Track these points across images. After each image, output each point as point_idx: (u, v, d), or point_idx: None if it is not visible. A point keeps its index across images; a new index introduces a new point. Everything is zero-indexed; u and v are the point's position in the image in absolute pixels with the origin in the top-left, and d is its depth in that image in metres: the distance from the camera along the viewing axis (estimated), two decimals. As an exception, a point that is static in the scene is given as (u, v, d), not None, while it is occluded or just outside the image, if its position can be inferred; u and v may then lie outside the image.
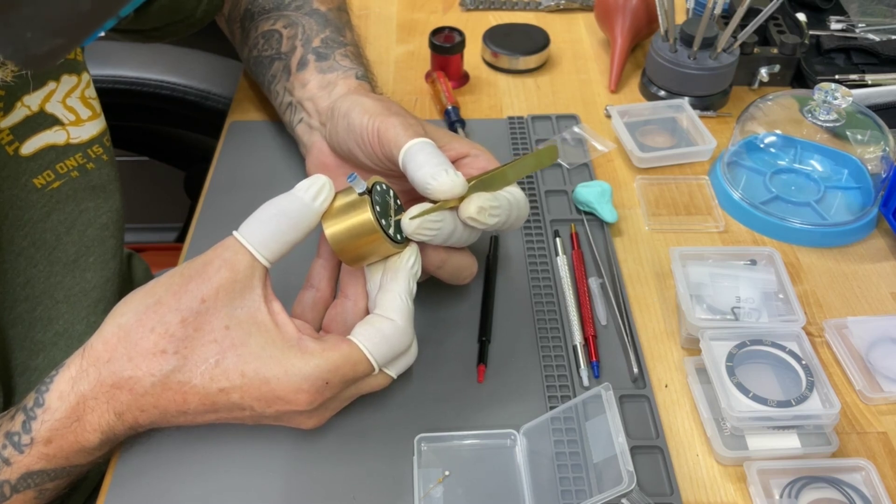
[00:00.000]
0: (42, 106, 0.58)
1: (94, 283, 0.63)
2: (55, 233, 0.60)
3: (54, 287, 0.60)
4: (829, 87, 0.70)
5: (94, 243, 0.62)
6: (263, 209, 0.48)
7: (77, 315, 0.62)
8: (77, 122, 0.60)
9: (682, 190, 0.74)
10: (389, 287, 0.49)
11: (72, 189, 0.60)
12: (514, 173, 0.54)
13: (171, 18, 0.76)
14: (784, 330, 0.58)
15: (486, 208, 0.50)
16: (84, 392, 0.46)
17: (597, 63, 0.91)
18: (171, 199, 1.45)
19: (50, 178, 0.59)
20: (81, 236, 0.62)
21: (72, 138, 0.60)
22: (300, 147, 0.67)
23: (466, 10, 1.00)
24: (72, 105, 0.60)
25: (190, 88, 1.08)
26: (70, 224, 0.61)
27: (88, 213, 0.62)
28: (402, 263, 0.50)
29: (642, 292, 0.65)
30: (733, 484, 0.53)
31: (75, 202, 0.61)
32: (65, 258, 0.61)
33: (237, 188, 0.74)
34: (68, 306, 0.61)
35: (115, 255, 0.64)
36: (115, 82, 1.07)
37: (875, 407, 0.58)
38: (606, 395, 0.51)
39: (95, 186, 0.62)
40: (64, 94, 0.59)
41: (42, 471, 0.47)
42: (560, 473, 0.51)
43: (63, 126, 0.59)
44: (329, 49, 0.69)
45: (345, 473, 0.53)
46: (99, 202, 0.62)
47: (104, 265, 0.63)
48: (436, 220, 0.49)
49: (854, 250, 0.70)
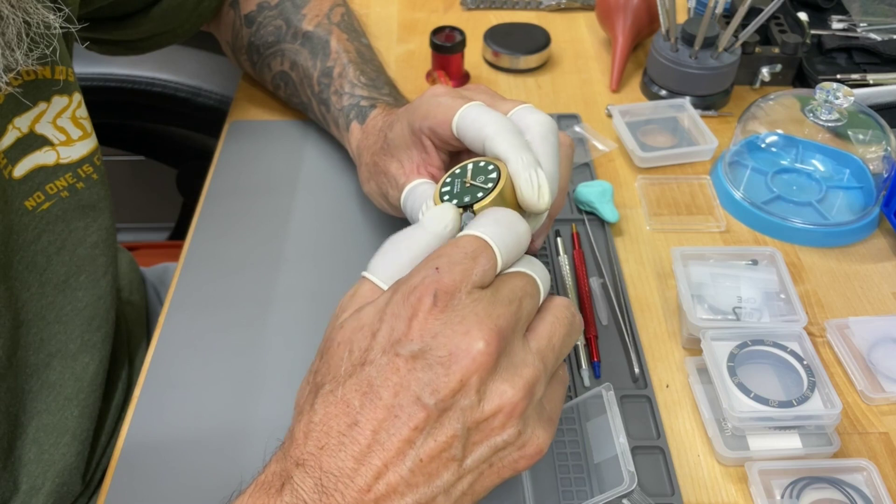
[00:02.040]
0: (32, 127, 0.57)
1: (85, 302, 0.62)
2: (46, 254, 0.59)
3: (46, 308, 0.59)
4: (831, 87, 0.70)
5: (84, 262, 0.61)
6: (395, 246, 0.44)
7: (70, 334, 0.61)
8: (67, 142, 0.59)
9: (683, 190, 0.74)
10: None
11: (61, 210, 0.59)
12: None
13: (159, 30, 0.76)
14: (785, 330, 0.58)
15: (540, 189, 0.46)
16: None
17: (598, 62, 0.91)
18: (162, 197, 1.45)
19: (40, 200, 0.58)
20: (72, 256, 0.60)
21: (62, 158, 0.59)
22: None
23: (467, 9, 1.00)
24: (62, 125, 0.59)
25: (181, 85, 1.07)
26: (60, 245, 0.60)
27: (78, 233, 0.61)
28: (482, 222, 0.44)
29: (643, 292, 0.65)
30: (734, 484, 0.53)
31: (65, 222, 0.60)
32: (55, 279, 0.59)
33: (237, 188, 0.74)
34: (61, 326, 0.60)
35: (105, 272, 0.64)
36: (106, 80, 1.07)
37: (876, 407, 0.58)
38: (607, 395, 0.51)
39: (85, 206, 0.61)
40: (55, 114, 0.58)
41: None
42: (561, 474, 0.51)
43: (53, 146, 0.58)
44: (325, 90, 0.71)
45: (345, 473, 0.53)
46: (88, 221, 0.61)
47: (95, 283, 0.62)
48: None
49: (856, 250, 0.69)
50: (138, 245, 1.35)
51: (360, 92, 0.69)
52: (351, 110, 0.68)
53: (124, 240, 1.56)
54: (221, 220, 0.71)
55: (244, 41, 0.78)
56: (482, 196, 0.45)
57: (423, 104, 0.53)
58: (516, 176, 0.45)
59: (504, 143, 0.46)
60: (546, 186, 0.45)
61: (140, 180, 1.57)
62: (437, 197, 0.47)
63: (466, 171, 0.48)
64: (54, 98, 0.58)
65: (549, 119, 0.49)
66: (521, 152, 0.46)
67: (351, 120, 0.67)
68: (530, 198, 0.45)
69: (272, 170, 0.76)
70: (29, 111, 0.56)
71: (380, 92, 0.69)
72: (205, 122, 1.08)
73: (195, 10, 0.76)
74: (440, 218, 0.44)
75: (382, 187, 0.60)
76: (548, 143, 0.48)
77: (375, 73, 0.72)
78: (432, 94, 0.53)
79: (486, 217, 0.42)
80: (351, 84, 0.70)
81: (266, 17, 0.76)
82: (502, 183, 0.45)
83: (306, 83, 0.73)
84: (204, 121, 1.09)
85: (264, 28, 0.76)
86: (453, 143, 0.52)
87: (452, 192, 0.47)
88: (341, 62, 0.71)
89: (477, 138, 0.48)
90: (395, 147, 0.57)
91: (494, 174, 0.46)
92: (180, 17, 0.76)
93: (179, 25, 0.77)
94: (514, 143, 0.46)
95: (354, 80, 0.70)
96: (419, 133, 0.54)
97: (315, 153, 0.77)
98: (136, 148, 1.34)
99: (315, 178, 0.74)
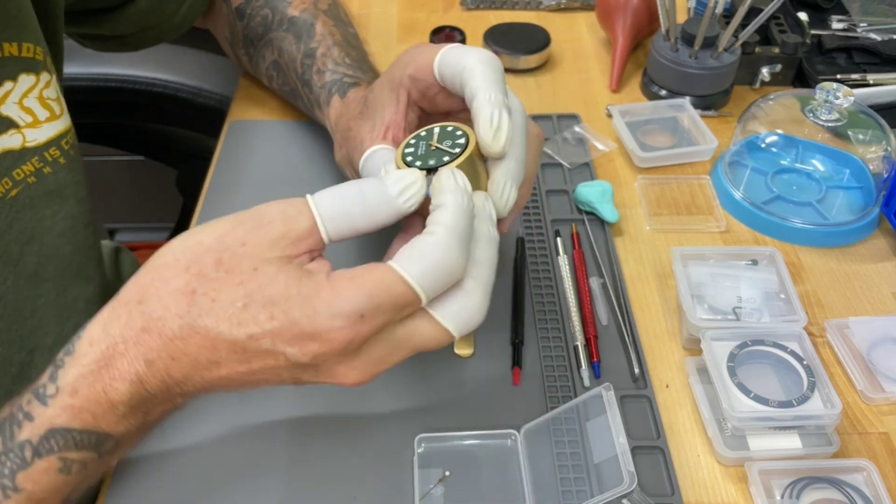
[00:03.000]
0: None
1: (55, 294, 0.60)
2: (18, 244, 0.56)
3: (22, 302, 0.57)
4: (831, 87, 0.70)
5: (52, 252, 0.59)
6: (345, 185, 0.44)
7: (46, 328, 0.59)
8: (34, 123, 0.57)
9: (683, 190, 0.74)
10: (436, 202, 0.43)
11: (28, 197, 0.57)
12: None
13: (149, 24, 0.75)
14: (785, 330, 0.58)
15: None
16: (114, 335, 0.42)
17: (598, 62, 0.91)
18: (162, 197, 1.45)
19: (8, 186, 0.55)
20: (41, 246, 0.58)
21: (27, 141, 0.56)
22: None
23: (467, 9, 1.00)
24: (29, 106, 0.56)
25: (182, 85, 1.07)
26: (30, 234, 0.57)
27: (46, 221, 0.59)
28: (444, 177, 0.44)
29: (643, 292, 0.65)
30: (734, 484, 0.53)
31: (33, 210, 0.57)
32: (27, 271, 0.57)
33: (238, 188, 0.74)
34: (35, 321, 0.59)
35: (71, 262, 0.61)
36: (107, 80, 1.06)
37: (876, 407, 0.58)
38: (607, 395, 0.51)
39: (52, 192, 0.59)
40: (21, 94, 0.56)
41: (66, 429, 0.42)
42: (561, 474, 0.51)
43: (19, 129, 0.56)
44: (307, 71, 0.70)
45: (345, 473, 0.53)
46: (55, 209, 0.59)
47: (60, 274, 0.60)
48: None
49: (855, 250, 0.69)
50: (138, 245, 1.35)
51: (344, 70, 0.67)
52: (333, 85, 0.66)
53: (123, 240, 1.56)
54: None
55: (240, 35, 0.78)
56: (448, 160, 0.44)
57: (406, 54, 0.53)
58: (479, 111, 0.45)
59: (479, 77, 0.46)
60: (506, 130, 0.44)
61: (140, 180, 1.56)
62: (398, 159, 0.46)
63: (433, 133, 0.46)
64: (21, 76, 0.56)
65: (519, 102, 0.49)
66: (493, 89, 0.45)
67: (332, 94, 0.66)
68: (486, 135, 0.44)
69: (272, 170, 0.76)
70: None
71: (364, 74, 0.67)
72: (205, 122, 1.08)
73: (183, 3, 0.75)
74: (401, 179, 0.43)
75: (351, 152, 0.58)
76: (516, 115, 0.47)
77: (361, 58, 0.70)
78: (413, 46, 0.53)
79: (426, 259, 0.41)
80: (335, 62, 0.68)
81: (254, 7, 0.76)
82: (470, 148, 0.44)
83: (291, 67, 0.72)
84: (204, 121, 1.08)
85: (253, 20, 0.75)
86: (433, 91, 0.51)
87: (416, 154, 0.45)
88: (326, 44, 0.70)
89: (455, 71, 0.47)
90: (372, 107, 0.56)
91: (462, 139, 0.45)
92: (168, 10, 0.74)
93: (169, 18, 0.75)
94: (489, 77, 0.46)
95: (339, 60, 0.68)
96: (398, 86, 0.53)
97: (315, 153, 0.77)
98: (136, 148, 1.33)
99: (315, 178, 0.74)
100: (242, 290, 0.41)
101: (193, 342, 0.42)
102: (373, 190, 0.43)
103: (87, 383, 0.42)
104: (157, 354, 0.42)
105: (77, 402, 0.42)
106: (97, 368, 0.42)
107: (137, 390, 0.43)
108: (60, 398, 0.42)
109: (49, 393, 0.42)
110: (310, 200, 0.43)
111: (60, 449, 0.42)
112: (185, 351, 0.42)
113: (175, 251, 0.43)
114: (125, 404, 0.43)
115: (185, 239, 0.43)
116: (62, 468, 0.43)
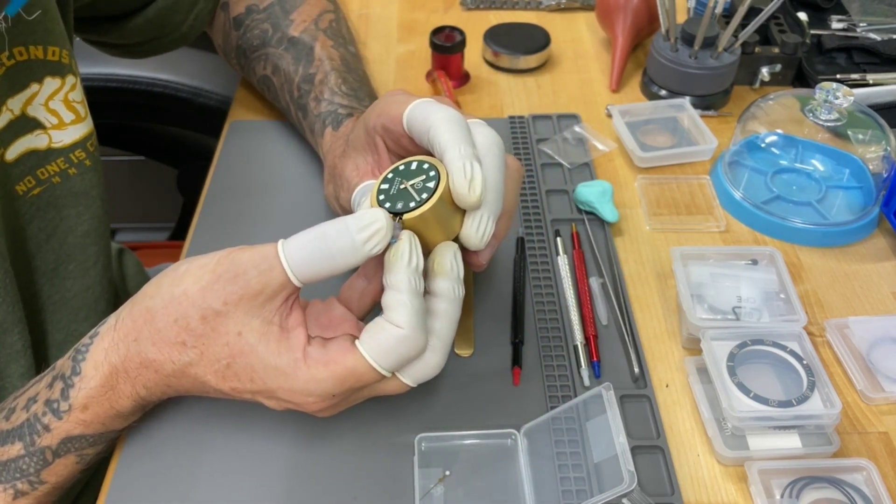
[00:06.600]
0: (24, 109, 0.56)
1: (73, 292, 0.61)
2: (36, 241, 0.58)
3: (33, 297, 0.59)
4: (831, 87, 0.70)
5: (74, 251, 0.61)
6: (314, 232, 0.45)
7: (56, 324, 0.60)
8: (60, 125, 0.59)
9: (683, 189, 0.74)
10: (390, 284, 0.46)
11: (52, 196, 0.59)
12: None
13: (156, 34, 0.75)
14: (785, 330, 0.58)
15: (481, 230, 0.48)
16: (115, 364, 0.48)
17: (598, 62, 0.91)
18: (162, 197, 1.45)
19: (31, 185, 0.57)
20: (62, 244, 0.60)
21: (53, 142, 0.58)
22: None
23: (467, 9, 1.00)
24: (55, 108, 0.58)
25: (182, 85, 1.08)
26: (50, 231, 0.59)
27: (69, 221, 0.60)
28: (396, 257, 0.46)
29: (643, 292, 0.65)
30: (734, 484, 0.53)
31: (56, 209, 0.59)
32: (44, 267, 0.59)
33: (238, 188, 0.74)
34: (46, 315, 0.60)
35: (95, 262, 0.63)
36: (107, 80, 1.07)
37: (876, 407, 0.58)
38: (607, 394, 0.51)
39: (77, 193, 0.61)
40: (47, 96, 0.57)
41: (81, 436, 0.49)
42: (561, 473, 0.51)
43: (45, 130, 0.57)
44: (304, 96, 0.70)
45: (345, 473, 0.53)
46: (80, 209, 0.61)
47: (84, 273, 0.62)
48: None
49: (855, 250, 0.69)
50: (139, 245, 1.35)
51: (340, 100, 0.68)
52: (328, 116, 0.67)
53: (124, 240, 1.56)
54: (222, 220, 0.71)
55: (233, 44, 0.78)
56: (414, 206, 0.46)
57: (378, 104, 0.54)
58: (451, 165, 0.46)
59: (446, 133, 0.47)
60: (479, 180, 0.46)
61: (140, 180, 1.57)
62: (373, 197, 0.48)
63: (410, 169, 0.48)
64: (46, 79, 0.57)
65: (496, 135, 0.50)
66: (462, 144, 0.46)
67: (326, 126, 0.67)
68: (461, 188, 0.46)
69: (272, 170, 0.76)
70: (21, 92, 0.55)
71: (360, 102, 0.68)
72: (205, 122, 1.09)
73: (189, 13, 0.75)
74: (367, 227, 0.44)
75: (337, 190, 0.60)
76: (492, 154, 0.49)
77: (358, 83, 0.71)
78: (388, 93, 0.54)
79: (398, 353, 0.46)
80: (331, 91, 0.69)
81: (254, 20, 0.76)
82: (440, 191, 0.46)
83: (286, 88, 0.73)
84: (204, 121, 1.09)
85: (251, 31, 0.76)
86: (404, 141, 0.52)
87: (388, 193, 0.47)
88: (324, 69, 0.71)
89: (423, 128, 0.48)
90: (353, 149, 0.57)
91: (433, 183, 0.46)
92: (175, 21, 0.75)
93: (176, 29, 0.76)
94: (456, 133, 0.47)
95: (335, 88, 0.69)
96: (373, 133, 0.54)
97: (315, 154, 0.77)
98: (136, 148, 1.34)
99: (315, 178, 0.74)
100: (227, 350, 0.46)
101: (186, 380, 0.48)
102: (339, 237, 0.45)
103: (95, 402, 0.48)
104: (156, 384, 0.49)
105: (88, 417, 0.49)
106: (104, 391, 0.48)
107: (139, 404, 0.50)
108: (73, 414, 0.48)
109: (63, 409, 0.48)
110: (280, 253, 0.45)
111: (77, 450, 0.50)
112: (180, 384, 0.49)
113: (164, 298, 0.47)
114: (129, 412, 0.50)
115: (171, 286, 0.47)
116: (79, 461, 0.51)
